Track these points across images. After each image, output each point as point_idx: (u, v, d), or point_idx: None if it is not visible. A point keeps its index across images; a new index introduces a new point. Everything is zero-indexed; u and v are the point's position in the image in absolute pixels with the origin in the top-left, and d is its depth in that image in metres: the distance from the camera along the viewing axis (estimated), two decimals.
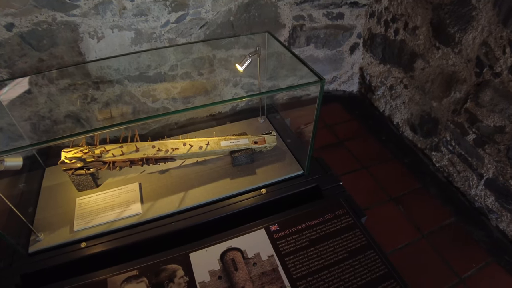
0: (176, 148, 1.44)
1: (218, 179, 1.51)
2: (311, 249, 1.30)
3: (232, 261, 1.28)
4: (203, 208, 1.41)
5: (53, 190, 1.54)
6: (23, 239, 1.37)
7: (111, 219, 1.39)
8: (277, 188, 1.46)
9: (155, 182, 1.53)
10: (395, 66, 2.25)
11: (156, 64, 2.26)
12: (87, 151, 1.39)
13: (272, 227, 1.35)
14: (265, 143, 1.52)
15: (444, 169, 2.06)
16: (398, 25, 2.15)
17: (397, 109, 2.31)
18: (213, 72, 2.40)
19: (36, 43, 1.90)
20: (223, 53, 2.34)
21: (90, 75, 2.15)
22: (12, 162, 1.21)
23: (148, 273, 1.27)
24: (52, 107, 2.20)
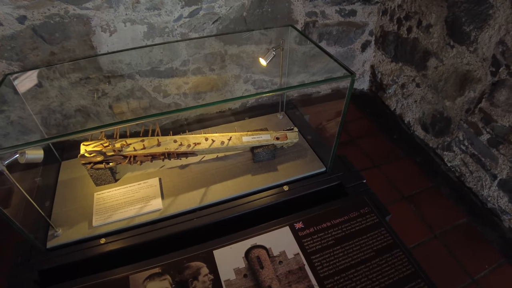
0: (198, 143, 1.39)
1: (239, 175, 1.46)
2: (337, 248, 1.26)
3: (258, 259, 1.24)
4: (225, 205, 1.36)
5: (70, 184, 1.48)
6: (41, 234, 1.31)
7: (131, 215, 1.34)
8: (300, 185, 1.41)
9: (175, 177, 1.48)
10: (407, 64, 2.22)
11: (168, 59, 2.21)
12: (107, 144, 1.33)
13: (296, 224, 1.31)
14: (287, 139, 1.47)
15: (456, 169, 2.04)
16: (411, 23, 2.12)
17: (409, 108, 2.28)
18: (225, 68, 2.35)
19: (48, 36, 1.84)
20: (235, 49, 2.29)
21: (101, 69, 2.10)
22: (33, 155, 1.15)
23: (171, 270, 1.22)
24: (62, 101, 2.14)
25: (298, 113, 1.74)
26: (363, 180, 1.43)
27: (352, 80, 1.20)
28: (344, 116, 1.27)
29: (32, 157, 1.15)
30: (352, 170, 1.47)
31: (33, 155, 1.15)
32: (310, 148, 1.57)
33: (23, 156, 1.14)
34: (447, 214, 1.93)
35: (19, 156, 1.13)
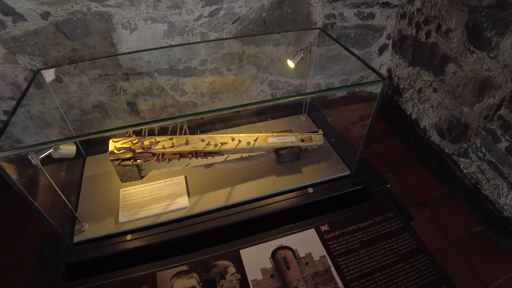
0: (225, 143, 1.39)
1: (264, 175, 1.46)
2: (362, 251, 1.26)
3: (284, 260, 1.24)
4: (250, 205, 1.36)
5: (95, 179, 1.48)
6: (68, 228, 1.32)
7: (157, 212, 1.34)
8: (324, 188, 1.41)
9: (200, 175, 1.48)
10: (425, 69, 2.21)
11: (186, 58, 2.21)
12: (136, 141, 1.33)
13: (322, 227, 1.31)
14: (312, 142, 1.47)
15: (472, 176, 2.03)
16: (431, 27, 2.11)
17: (425, 113, 2.27)
18: (242, 68, 2.35)
19: (70, 32, 1.84)
20: (253, 50, 2.29)
21: (121, 66, 2.10)
22: (66, 150, 1.16)
23: (198, 268, 1.22)
24: (81, 97, 2.14)
25: (320, 115, 1.74)
26: (387, 185, 1.42)
27: (383, 85, 1.19)
28: (373, 120, 1.27)
29: (65, 152, 1.15)
30: (375, 174, 1.47)
31: (66, 150, 1.16)
32: (334, 150, 1.57)
33: (57, 151, 1.14)
34: (462, 221, 1.92)
35: (52, 150, 1.13)
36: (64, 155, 1.16)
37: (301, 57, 1.42)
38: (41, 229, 1.33)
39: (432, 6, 2.06)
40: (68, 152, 1.16)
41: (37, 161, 1.08)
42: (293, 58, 1.43)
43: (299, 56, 1.42)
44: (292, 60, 1.43)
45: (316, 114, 1.77)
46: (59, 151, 1.14)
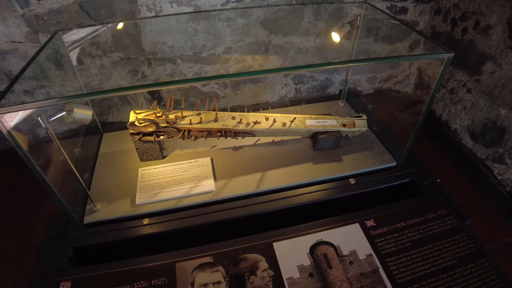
0: (258, 122, 1.18)
1: (299, 162, 1.25)
2: (414, 251, 1.04)
3: (325, 257, 1.02)
4: (284, 193, 1.15)
5: (112, 157, 1.27)
6: (78, 208, 1.10)
7: (179, 195, 1.12)
8: (368, 179, 1.20)
9: (228, 158, 1.26)
10: (459, 68, 2.00)
11: (211, 45, 2.01)
12: (161, 114, 1.12)
13: (367, 222, 1.09)
14: (355, 127, 1.26)
15: (508, 182, 1.81)
16: (468, 24, 1.91)
17: (457, 115, 2.06)
18: (267, 58, 2.15)
19: (94, 12, 1.68)
20: (280, 39, 2.09)
21: (144, 50, 1.91)
22: (81, 114, 0.95)
23: (225, 261, 1.00)
24: (102, 80, 1.95)
25: (360, 102, 1.53)
26: (436, 180, 1.21)
27: (448, 59, 0.99)
28: (431, 101, 1.06)
29: (79, 117, 0.94)
30: (424, 167, 1.25)
31: (81, 114, 0.95)
32: (377, 139, 1.35)
33: (71, 114, 0.93)
34: (495, 230, 1.70)
35: (66, 113, 0.92)
36: (78, 120, 0.95)
37: (348, 30, 1.21)
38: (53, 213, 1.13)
39: (470, 1, 1.86)
40: (82, 117, 0.96)
41: (46, 123, 0.87)
42: (338, 30, 1.22)
43: (345, 29, 1.21)
44: (337, 33, 1.22)
45: (355, 101, 1.55)
46: (73, 114, 0.94)
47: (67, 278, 0.97)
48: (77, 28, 1.38)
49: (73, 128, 1.65)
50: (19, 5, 1.57)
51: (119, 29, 1.82)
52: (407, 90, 2.34)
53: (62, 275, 0.97)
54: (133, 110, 1.12)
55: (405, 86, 2.32)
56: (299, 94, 2.32)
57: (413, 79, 2.30)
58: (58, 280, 0.96)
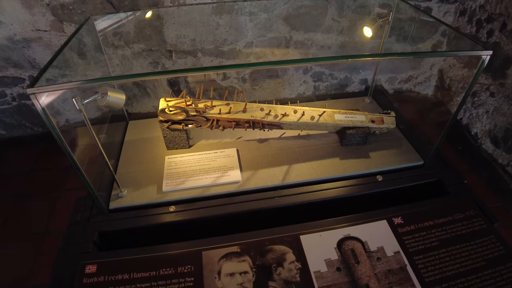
0: (287, 115, 1.16)
1: (325, 157, 1.23)
2: (442, 251, 1.02)
3: (352, 252, 1.00)
4: (311, 187, 1.13)
5: (137, 145, 1.26)
6: (104, 193, 1.09)
7: (206, 184, 1.11)
8: (395, 176, 1.17)
9: (253, 150, 1.25)
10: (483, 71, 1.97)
11: (232, 39, 1.99)
12: (191, 103, 1.10)
13: (395, 219, 1.07)
14: (383, 124, 1.24)
15: None
16: (494, 26, 1.87)
17: (478, 119, 2.03)
18: (287, 54, 2.12)
19: (118, 3, 1.68)
20: (301, 36, 2.06)
21: (165, 42, 1.89)
22: (115, 98, 0.94)
23: (252, 251, 0.99)
24: (123, 71, 1.94)
25: (386, 99, 1.50)
26: (464, 180, 1.18)
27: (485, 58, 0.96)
28: (464, 100, 1.03)
29: (113, 100, 0.93)
30: (451, 167, 1.22)
31: (114, 98, 0.94)
32: (404, 137, 1.32)
33: (104, 97, 0.92)
34: None
35: (99, 96, 0.91)
36: (112, 103, 0.94)
37: (380, 25, 1.19)
38: (74, 198, 1.12)
39: (498, 2, 1.82)
40: (116, 101, 0.94)
41: (81, 105, 0.86)
42: (372, 25, 1.20)
43: (377, 25, 1.19)
44: (369, 27, 1.20)
45: (381, 98, 1.52)
46: (107, 98, 0.92)
47: (92, 261, 0.96)
48: (109, 14, 1.36)
49: (98, 116, 1.64)
50: None
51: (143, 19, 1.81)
52: (427, 92, 2.30)
53: (87, 259, 0.96)
54: (163, 97, 1.11)
55: (425, 88, 2.29)
56: (317, 92, 2.29)
57: (434, 81, 2.27)
58: (84, 263, 0.95)
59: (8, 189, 1.70)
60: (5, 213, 1.57)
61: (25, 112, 1.93)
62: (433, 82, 2.27)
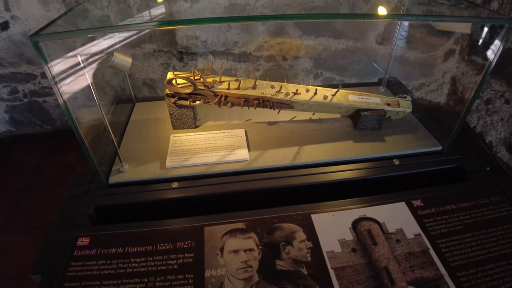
0: (298, 93, 1.09)
1: (339, 140, 1.15)
2: (467, 235, 0.91)
3: (369, 233, 0.89)
4: (323, 168, 1.04)
5: (143, 124, 1.20)
6: (104, 167, 1.01)
7: (212, 161, 1.02)
8: (412, 161, 1.08)
9: (263, 132, 1.17)
10: (497, 77, 1.89)
11: (243, 42, 1.97)
12: (199, 77, 1.04)
13: (414, 202, 0.97)
14: (399, 107, 1.16)
15: None
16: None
17: (493, 126, 1.93)
18: (298, 59, 2.09)
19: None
20: (312, 40, 2.03)
21: (176, 43, 1.87)
22: (121, 60, 0.88)
23: (258, 228, 0.89)
24: (133, 71, 1.91)
25: (401, 90, 1.43)
26: (487, 168, 1.08)
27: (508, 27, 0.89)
28: (485, 77, 0.96)
29: (119, 62, 0.88)
30: (472, 154, 1.13)
31: (121, 59, 0.88)
32: (420, 124, 1.24)
33: (110, 58, 0.86)
34: None
35: (105, 56, 0.85)
36: (117, 65, 0.88)
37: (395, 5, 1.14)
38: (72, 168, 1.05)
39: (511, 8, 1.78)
40: (122, 63, 0.89)
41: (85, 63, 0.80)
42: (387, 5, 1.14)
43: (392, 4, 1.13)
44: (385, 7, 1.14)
45: (396, 89, 1.44)
46: (113, 58, 0.87)
47: (86, 234, 0.87)
48: None
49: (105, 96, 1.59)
50: None
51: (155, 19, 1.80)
52: (439, 100, 2.23)
53: (81, 231, 0.87)
54: (171, 71, 1.05)
55: (437, 96, 2.22)
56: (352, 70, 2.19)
57: (446, 89, 2.20)
58: (76, 236, 0.86)
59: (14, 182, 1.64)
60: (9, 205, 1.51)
61: (35, 110, 1.89)
62: (446, 90, 2.20)
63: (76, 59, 0.79)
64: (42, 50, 0.71)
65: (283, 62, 2.08)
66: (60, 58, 0.84)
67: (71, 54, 0.83)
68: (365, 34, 2.00)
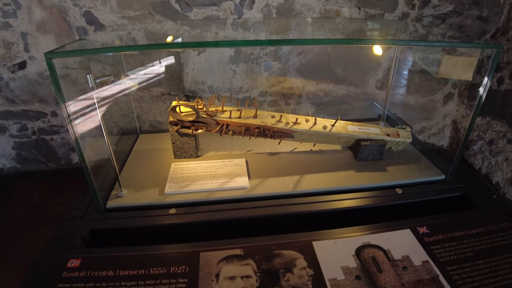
0: (298, 123, 1.09)
1: (340, 169, 1.13)
2: (479, 262, 0.85)
3: (373, 260, 0.84)
4: (324, 197, 1.01)
5: (145, 153, 1.20)
6: (103, 192, 1.00)
7: (211, 188, 1.00)
8: (415, 190, 1.05)
9: (263, 162, 1.16)
10: (497, 118, 1.90)
11: (247, 87, 2.03)
12: (202, 107, 1.06)
13: (420, 229, 0.93)
14: (399, 137, 1.15)
15: None
16: (503, 74, 1.85)
17: (498, 167, 1.90)
18: (300, 104, 2.13)
19: None
20: (313, 86, 2.09)
21: (184, 87, 1.94)
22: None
23: (256, 255, 0.85)
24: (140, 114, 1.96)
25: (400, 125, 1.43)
26: (493, 195, 1.05)
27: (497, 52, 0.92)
28: (478, 108, 0.96)
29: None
30: (477, 182, 1.10)
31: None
32: (422, 155, 1.22)
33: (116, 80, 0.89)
34: None
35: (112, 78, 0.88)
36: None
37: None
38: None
39: (504, 52, 1.84)
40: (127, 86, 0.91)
41: (93, 83, 0.83)
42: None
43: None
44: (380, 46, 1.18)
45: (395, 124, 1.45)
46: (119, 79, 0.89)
47: (77, 256, 0.83)
48: None
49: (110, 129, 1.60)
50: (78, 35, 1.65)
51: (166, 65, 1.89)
52: (442, 143, 2.22)
53: (72, 253, 0.84)
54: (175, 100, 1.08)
55: (439, 139, 2.21)
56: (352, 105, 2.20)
57: (448, 131, 2.20)
58: (67, 257, 0.82)
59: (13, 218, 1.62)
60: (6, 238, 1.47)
61: (42, 147, 1.92)
62: (447, 133, 2.20)
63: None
64: (54, 68, 0.73)
65: (286, 107, 2.12)
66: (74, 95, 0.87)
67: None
68: (365, 80, 2.06)
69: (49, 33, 1.63)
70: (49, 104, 1.82)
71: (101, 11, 1.63)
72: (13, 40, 1.61)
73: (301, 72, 2.03)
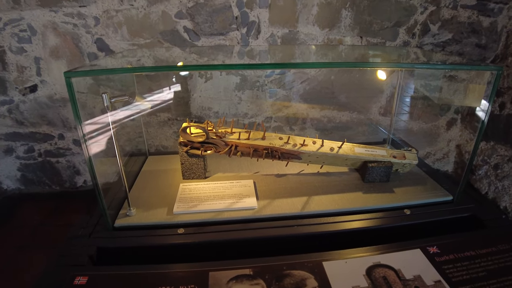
0: (305, 145, 1.11)
1: (348, 191, 1.13)
2: (492, 281, 0.84)
3: (385, 280, 0.83)
4: (333, 218, 1.01)
5: (154, 174, 1.21)
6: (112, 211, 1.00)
7: (220, 208, 1.01)
8: (424, 210, 1.05)
9: (271, 183, 1.17)
10: (501, 143, 1.91)
11: (253, 113, 2.07)
12: (211, 128, 1.09)
13: (430, 248, 0.92)
14: (405, 159, 1.16)
15: None
16: (504, 99, 1.89)
17: (505, 191, 1.90)
18: (304, 130, 2.16)
19: (152, 72, 1.80)
20: (317, 113, 2.13)
21: (190, 113, 1.98)
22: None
23: (266, 275, 0.84)
24: (147, 138, 1.99)
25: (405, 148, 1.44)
26: (502, 215, 1.05)
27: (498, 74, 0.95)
28: (482, 130, 0.99)
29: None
30: (485, 202, 1.10)
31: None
32: (428, 177, 1.23)
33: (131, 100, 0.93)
34: None
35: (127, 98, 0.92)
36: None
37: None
38: None
39: (504, 77, 1.88)
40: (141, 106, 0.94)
41: (108, 102, 0.86)
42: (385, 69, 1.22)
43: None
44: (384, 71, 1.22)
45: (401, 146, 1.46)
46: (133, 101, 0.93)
47: (84, 273, 0.83)
48: None
49: None
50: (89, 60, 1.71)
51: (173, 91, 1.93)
52: (447, 168, 2.22)
53: (79, 270, 0.83)
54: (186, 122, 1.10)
55: (444, 164, 2.22)
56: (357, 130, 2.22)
57: (453, 157, 2.21)
58: (74, 274, 0.82)
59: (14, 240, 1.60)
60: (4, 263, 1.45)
61: (47, 169, 1.93)
62: (452, 158, 2.21)
63: None
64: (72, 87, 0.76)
65: (290, 132, 2.15)
66: None
67: None
68: (368, 106, 2.10)
69: (61, 58, 1.69)
70: (56, 127, 1.85)
71: (112, 38, 1.69)
72: (26, 64, 1.67)
73: (305, 99, 2.07)
